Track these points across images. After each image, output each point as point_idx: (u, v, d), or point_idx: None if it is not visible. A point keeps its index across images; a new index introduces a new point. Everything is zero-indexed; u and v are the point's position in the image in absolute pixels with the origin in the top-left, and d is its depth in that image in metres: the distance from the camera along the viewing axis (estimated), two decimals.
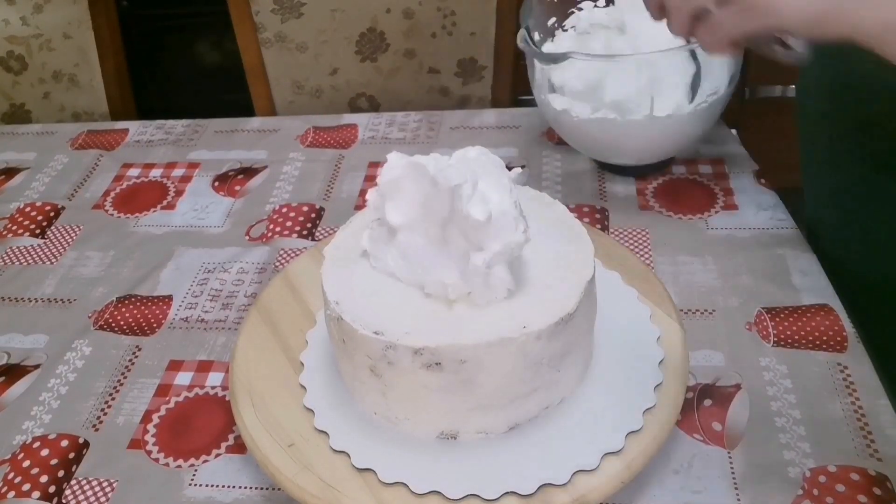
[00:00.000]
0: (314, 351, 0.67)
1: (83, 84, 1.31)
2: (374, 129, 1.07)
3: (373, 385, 0.57)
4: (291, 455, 0.58)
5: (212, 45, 1.98)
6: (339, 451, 0.58)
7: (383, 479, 0.56)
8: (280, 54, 1.27)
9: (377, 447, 0.58)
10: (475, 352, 0.53)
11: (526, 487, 0.54)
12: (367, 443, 0.59)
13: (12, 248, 0.91)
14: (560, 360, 0.57)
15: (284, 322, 0.70)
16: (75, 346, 0.77)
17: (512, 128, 1.04)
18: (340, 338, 0.58)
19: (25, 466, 0.66)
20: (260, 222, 0.91)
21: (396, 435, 0.59)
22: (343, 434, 0.59)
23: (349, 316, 0.56)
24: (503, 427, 0.59)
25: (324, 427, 0.60)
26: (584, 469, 0.55)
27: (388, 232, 0.59)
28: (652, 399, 0.59)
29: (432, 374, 0.54)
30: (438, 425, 0.58)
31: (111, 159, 1.06)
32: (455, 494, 0.55)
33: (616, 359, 0.64)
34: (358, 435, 0.59)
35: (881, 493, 0.58)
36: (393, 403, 0.58)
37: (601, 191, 0.90)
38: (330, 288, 0.59)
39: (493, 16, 1.22)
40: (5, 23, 1.27)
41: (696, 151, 0.95)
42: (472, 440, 0.58)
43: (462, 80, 1.29)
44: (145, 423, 0.69)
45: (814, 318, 0.72)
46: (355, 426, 0.60)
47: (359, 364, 0.57)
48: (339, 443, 0.59)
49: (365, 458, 0.57)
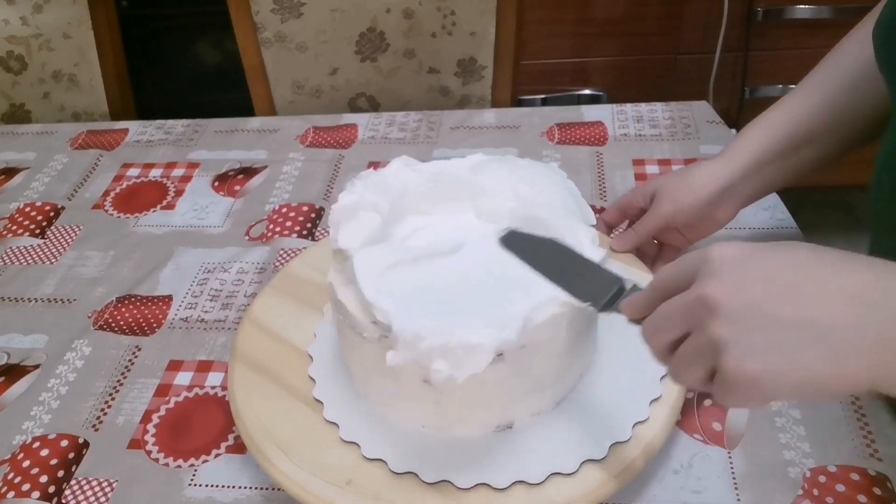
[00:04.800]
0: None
1: (83, 84, 1.31)
2: (374, 129, 1.07)
3: (424, 397, 0.57)
4: (349, 490, 0.56)
5: (212, 45, 1.98)
6: (375, 459, 0.58)
7: (426, 479, 0.56)
8: (280, 54, 1.27)
9: (415, 450, 0.58)
10: (534, 334, 0.54)
11: (568, 466, 0.56)
12: (404, 448, 0.59)
13: (12, 248, 0.91)
14: (589, 328, 0.60)
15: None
16: (75, 346, 0.77)
17: (512, 128, 1.04)
18: (378, 359, 0.55)
19: (25, 466, 0.66)
20: (260, 222, 0.91)
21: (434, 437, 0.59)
22: (376, 444, 0.59)
23: (408, 333, 0.51)
24: (551, 405, 0.60)
25: (352, 438, 0.60)
26: (619, 441, 0.58)
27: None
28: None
29: (494, 367, 0.53)
30: (496, 419, 0.59)
31: (111, 159, 1.06)
32: (503, 483, 0.56)
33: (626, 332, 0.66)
34: (393, 443, 0.59)
35: (881, 493, 0.58)
36: (448, 410, 0.58)
37: (601, 191, 0.90)
38: (377, 299, 0.55)
39: (493, 16, 1.22)
40: (5, 23, 1.26)
41: (697, 151, 0.95)
42: (527, 424, 0.59)
43: (462, 80, 1.29)
44: (145, 423, 0.69)
45: None
46: (386, 437, 0.60)
47: (407, 379, 0.56)
48: (372, 452, 0.59)
49: (404, 464, 0.57)
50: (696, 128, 1.00)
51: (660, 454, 0.58)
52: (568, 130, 1.02)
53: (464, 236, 0.61)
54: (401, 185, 0.65)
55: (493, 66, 1.27)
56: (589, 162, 0.95)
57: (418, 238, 0.64)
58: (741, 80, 1.70)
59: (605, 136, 1.00)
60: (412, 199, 0.66)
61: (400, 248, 0.61)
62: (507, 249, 0.55)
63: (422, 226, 0.65)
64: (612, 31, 1.68)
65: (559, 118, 1.05)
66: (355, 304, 0.57)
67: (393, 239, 0.64)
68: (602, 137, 1.00)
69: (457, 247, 0.60)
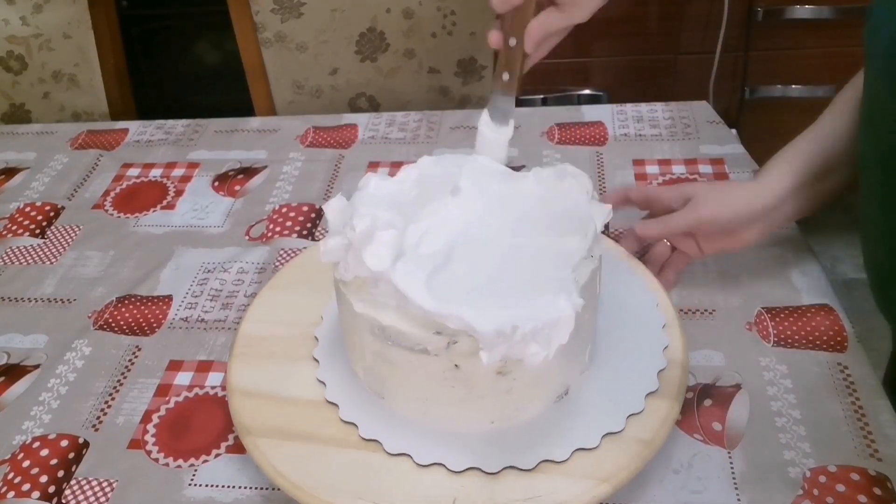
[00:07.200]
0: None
1: (83, 84, 1.31)
2: (374, 128, 1.07)
3: (496, 389, 0.57)
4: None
5: (212, 45, 1.98)
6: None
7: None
8: (280, 54, 1.27)
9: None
10: (584, 292, 0.56)
11: (591, 442, 0.59)
12: (399, 436, 0.59)
13: (12, 248, 0.91)
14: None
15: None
16: (75, 346, 0.77)
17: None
18: (445, 369, 0.55)
19: (25, 466, 0.66)
20: (260, 222, 0.91)
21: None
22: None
23: (494, 328, 0.51)
24: (589, 362, 0.63)
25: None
26: (635, 412, 0.60)
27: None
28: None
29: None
30: (557, 388, 0.61)
31: (111, 159, 1.06)
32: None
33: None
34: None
35: (881, 493, 0.58)
36: (521, 395, 0.58)
37: (601, 191, 0.90)
38: (443, 308, 0.53)
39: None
40: (5, 23, 1.26)
41: (697, 151, 0.95)
42: (578, 387, 0.62)
43: (462, 80, 1.29)
44: (145, 423, 0.69)
45: (814, 318, 0.72)
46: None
47: (481, 378, 0.56)
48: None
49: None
50: (697, 128, 1.00)
51: (660, 454, 0.58)
52: (568, 130, 1.02)
53: (467, 228, 0.61)
54: (390, 197, 0.63)
55: (493, 66, 1.27)
56: (589, 162, 0.95)
57: (430, 243, 0.61)
58: (741, 80, 1.70)
59: (605, 136, 1.00)
60: (407, 208, 0.65)
61: (423, 255, 0.59)
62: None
63: (424, 230, 0.63)
64: (612, 31, 1.68)
65: (559, 118, 1.05)
66: (408, 324, 0.55)
67: (410, 250, 0.61)
68: (602, 137, 1.00)
69: (469, 238, 0.60)
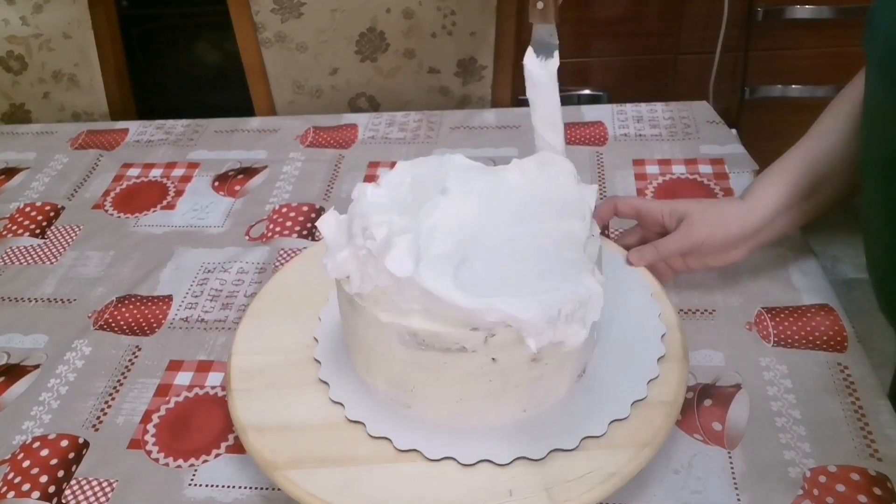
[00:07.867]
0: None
1: (83, 84, 1.31)
2: (374, 128, 1.07)
3: (530, 376, 0.57)
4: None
5: (212, 45, 1.98)
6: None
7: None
8: (280, 54, 1.27)
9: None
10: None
11: (623, 412, 0.60)
12: (437, 441, 0.59)
13: (12, 248, 0.91)
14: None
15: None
16: (75, 346, 0.77)
17: (512, 128, 1.04)
18: (483, 364, 0.55)
19: (25, 466, 0.66)
20: (260, 222, 0.91)
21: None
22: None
23: (537, 316, 0.52)
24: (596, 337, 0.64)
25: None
26: (639, 399, 0.61)
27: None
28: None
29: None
30: (578, 367, 0.62)
31: (111, 159, 1.06)
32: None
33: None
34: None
35: (881, 493, 0.58)
36: (552, 379, 0.59)
37: (601, 191, 0.90)
38: (480, 303, 0.53)
39: (493, 16, 1.22)
40: (5, 23, 1.26)
41: (697, 151, 0.95)
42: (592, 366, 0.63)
43: (462, 80, 1.29)
44: (145, 423, 0.69)
45: (814, 318, 0.72)
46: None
47: (517, 367, 0.56)
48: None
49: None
50: (696, 128, 1.00)
51: (660, 454, 0.58)
52: (568, 130, 1.02)
53: (469, 224, 0.61)
54: (390, 203, 0.62)
55: (493, 66, 1.27)
56: (589, 162, 0.95)
57: (439, 243, 0.60)
58: (741, 80, 1.70)
59: (605, 136, 1.00)
60: (407, 213, 0.64)
61: (439, 255, 0.58)
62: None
63: (429, 232, 0.63)
64: (612, 31, 1.68)
65: None
66: (440, 324, 0.55)
67: (424, 253, 0.60)
68: (602, 137, 1.00)
69: (476, 234, 0.60)
